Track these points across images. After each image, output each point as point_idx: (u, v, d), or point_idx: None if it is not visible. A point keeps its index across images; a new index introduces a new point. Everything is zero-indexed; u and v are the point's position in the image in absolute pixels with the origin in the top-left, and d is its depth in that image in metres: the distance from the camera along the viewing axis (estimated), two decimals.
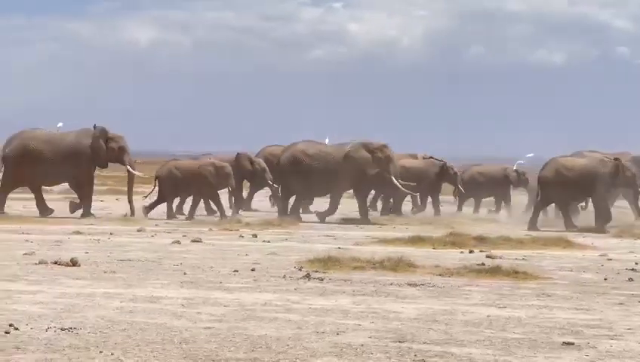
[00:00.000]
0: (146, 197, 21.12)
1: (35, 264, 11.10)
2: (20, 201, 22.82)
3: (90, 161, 20.59)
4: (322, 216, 20.66)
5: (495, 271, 10.82)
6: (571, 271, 11.58)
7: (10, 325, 7.10)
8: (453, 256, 12.96)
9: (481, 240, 14.86)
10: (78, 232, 16.17)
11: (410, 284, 9.87)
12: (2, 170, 20.71)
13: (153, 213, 20.38)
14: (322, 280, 10.16)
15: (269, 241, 15.05)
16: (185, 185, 20.68)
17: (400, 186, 21.26)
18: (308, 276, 10.38)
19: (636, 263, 12.26)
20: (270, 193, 24.31)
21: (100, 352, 6.32)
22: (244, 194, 23.97)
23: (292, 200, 21.37)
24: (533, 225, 19.30)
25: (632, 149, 22.50)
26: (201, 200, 21.62)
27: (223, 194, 21.78)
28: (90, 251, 12.91)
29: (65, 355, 6.22)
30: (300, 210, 21.38)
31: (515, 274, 10.69)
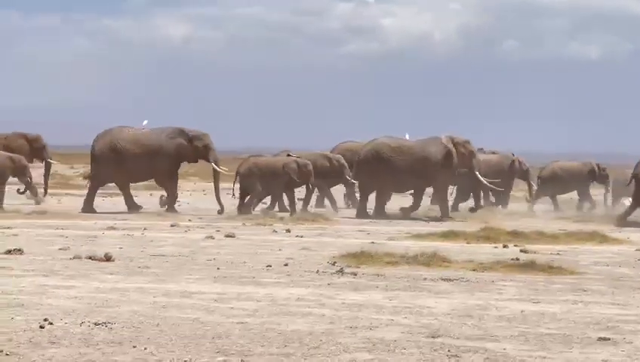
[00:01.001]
0: (233, 195, 20.95)
1: (70, 259, 11.19)
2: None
3: (175, 159, 20.93)
4: (407, 212, 20.40)
5: (529, 266, 10.73)
6: (607, 265, 11.45)
7: (45, 319, 7.16)
8: (486, 251, 12.87)
9: (515, 234, 14.75)
10: (112, 228, 16.29)
11: (443, 279, 9.82)
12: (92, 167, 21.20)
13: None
14: (355, 275, 10.13)
15: (302, 236, 15.05)
16: (266, 182, 20.58)
17: (485, 182, 21.06)
18: (341, 271, 10.36)
19: None
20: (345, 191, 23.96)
21: (134, 347, 6.35)
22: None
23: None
24: (622, 220, 19.02)
25: None
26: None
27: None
28: (124, 246, 12.99)
29: (98, 350, 6.26)
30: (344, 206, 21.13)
31: (549, 268, 10.59)
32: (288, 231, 16.02)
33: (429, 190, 21.90)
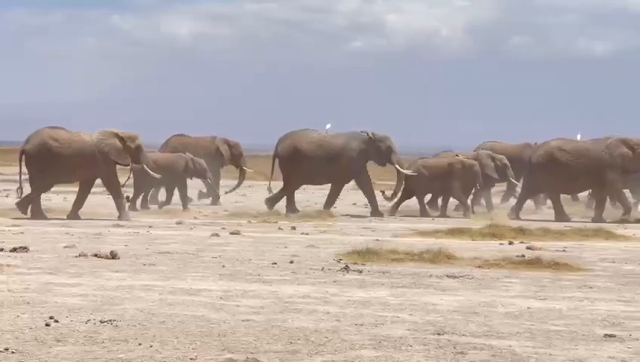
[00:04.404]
0: (390, 197, 20.86)
1: (76, 257, 11.20)
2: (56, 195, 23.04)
3: (360, 162, 20.78)
4: (599, 215, 19.68)
5: (535, 263, 10.72)
6: (613, 262, 11.43)
7: (51, 317, 7.16)
8: (492, 248, 12.86)
9: (520, 231, 14.74)
10: (117, 225, 16.30)
11: (449, 276, 9.81)
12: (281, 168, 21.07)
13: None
14: (361, 272, 10.13)
15: (307, 234, 15.05)
16: (432, 183, 20.55)
17: None
18: (346, 268, 10.36)
19: None
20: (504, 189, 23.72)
21: (139, 344, 6.35)
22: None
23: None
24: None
25: None
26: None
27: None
28: (130, 244, 13.00)
29: (104, 347, 6.26)
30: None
31: (555, 265, 10.57)
32: (294, 228, 16.01)
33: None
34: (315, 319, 7.33)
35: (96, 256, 11.16)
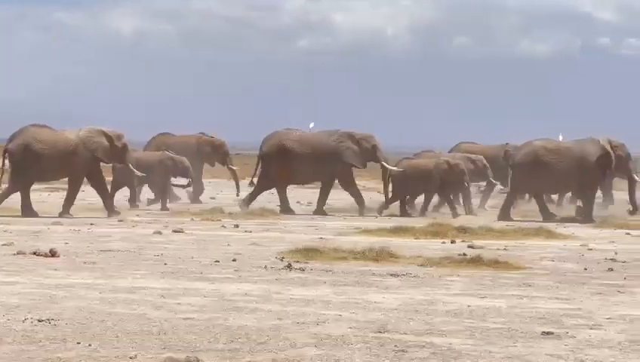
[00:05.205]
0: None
1: (14, 255, 11.01)
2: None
3: (346, 162, 20.46)
4: (588, 216, 19.33)
5: (476, 261, 10.82)
6: (552, 261, 11.60)
7: None
8: (435, 246, 12.95)
9: (462, 230, 14.87)
10: (58, 223, 16.07)
11: (391, 274, 9.86)
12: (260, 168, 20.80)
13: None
14: (304, 270, 10.13)
15: (250, 231, 15.01)
16: (415, 184, 20.34)
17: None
18: (289, 266, 10.35)
19: (616, 253, 12.29)
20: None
21: (78, 343, 6.26)
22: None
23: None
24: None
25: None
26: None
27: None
28: (71, 242, 12.82)
29: (41, 347, 6.17)
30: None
31: (496, 264, 10.69)
32: (237, 226, 15.95)
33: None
34: (257, 317, 7.31)
35: (35, 254, 10.99)
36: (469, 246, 12.79)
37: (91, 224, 15.95)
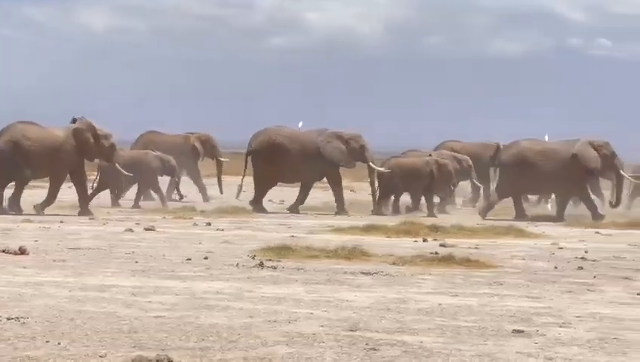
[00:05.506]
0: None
1: None
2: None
3: (334, 162, 20.35)
4: (559, 216, 19.44)
5: (448, 260, 10.86)
6: (523, 259, 11.66)
7: None
8: (406, 245, 12.98)
9: (434, 229, 14.92)
10: (27, 220, 15.94)
11: (363, 273, 9.87)
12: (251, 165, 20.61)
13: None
14: (275, 268, 10.11)
15: (222, 230, 14.97)
16: (404, 183, 20.27)
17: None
18: (261, 264, 10.33)
19: (586, 251, 12.39)
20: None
21: (47, 342, 6.21)
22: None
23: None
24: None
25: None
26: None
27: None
28: (40, 239, 12.72)
29: (10, 345, 6.10)
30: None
31: (467, 262, 10.74)
32: (209, 224, 15.90)
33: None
34: (228, 315, 7.28)
35: (4, 251, 10.89)
36: (441, 245, 12.83)
37: (61, 222, 15.83)
